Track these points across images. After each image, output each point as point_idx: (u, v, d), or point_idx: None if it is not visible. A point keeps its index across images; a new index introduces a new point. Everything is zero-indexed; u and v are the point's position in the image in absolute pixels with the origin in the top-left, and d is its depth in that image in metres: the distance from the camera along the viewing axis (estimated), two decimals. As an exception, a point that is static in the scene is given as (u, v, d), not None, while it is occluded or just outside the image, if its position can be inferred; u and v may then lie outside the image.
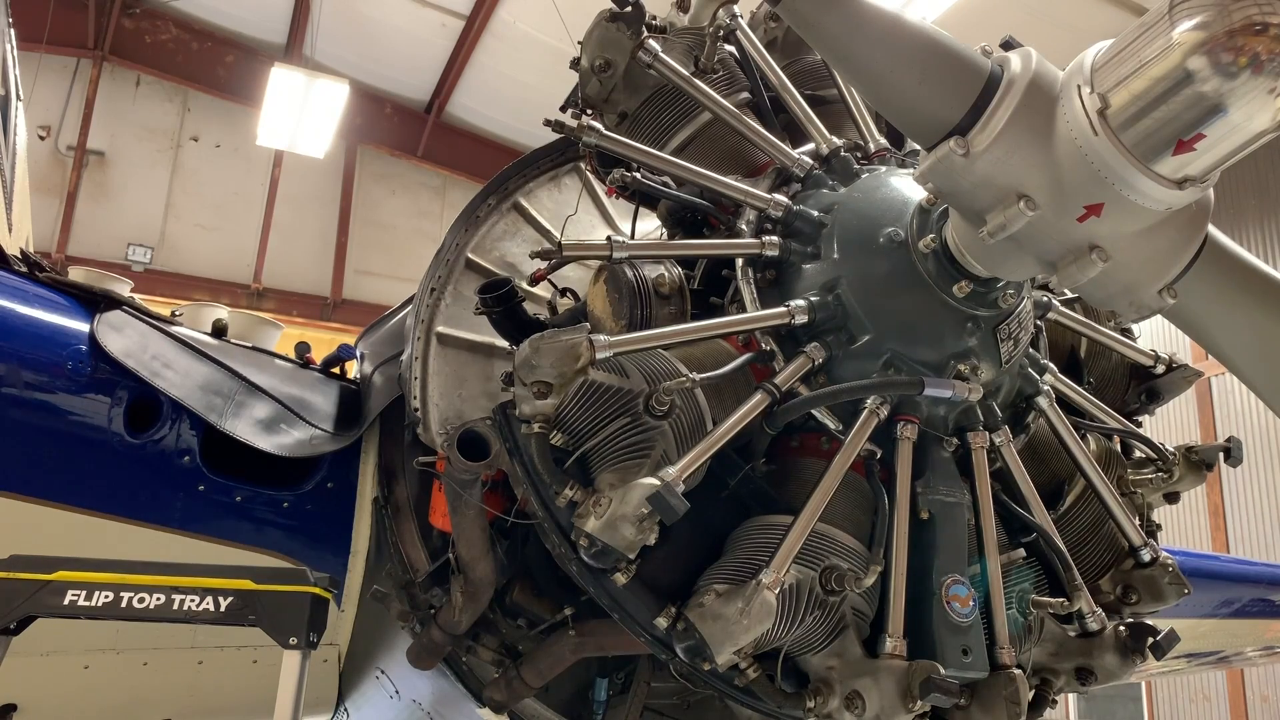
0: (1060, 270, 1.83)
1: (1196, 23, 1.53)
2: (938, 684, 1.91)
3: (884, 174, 2.46)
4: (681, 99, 2.60)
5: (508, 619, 2.69)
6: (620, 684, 2.88)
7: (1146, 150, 1.65)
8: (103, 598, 1.99)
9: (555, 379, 2.05)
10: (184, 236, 15.29)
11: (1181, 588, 2.45)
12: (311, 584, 2.14)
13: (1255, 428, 12.50)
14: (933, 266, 2.15)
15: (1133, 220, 1.75)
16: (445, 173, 17.46)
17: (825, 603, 2.04)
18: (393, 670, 3.31)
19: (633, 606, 2.08)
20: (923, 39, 1.80)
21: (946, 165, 1.76)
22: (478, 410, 2.64)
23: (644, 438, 2.05)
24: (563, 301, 2.76)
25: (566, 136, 2.42)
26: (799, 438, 2.33)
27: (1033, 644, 2.32)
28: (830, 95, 2.82)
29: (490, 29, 15.00)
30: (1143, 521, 2.62)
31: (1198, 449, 2.68)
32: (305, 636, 2.11)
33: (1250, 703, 12.53)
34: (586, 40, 2.62)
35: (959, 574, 2.13)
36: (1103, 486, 2.47)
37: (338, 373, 3.31)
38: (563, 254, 2.23)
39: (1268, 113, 1.56)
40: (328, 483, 3.04)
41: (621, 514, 1.91)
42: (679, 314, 2.30)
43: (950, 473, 2.26)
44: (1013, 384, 2.41)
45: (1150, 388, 2.87)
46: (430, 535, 2.84)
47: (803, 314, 2.19)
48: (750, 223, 2.41)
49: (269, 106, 13.78)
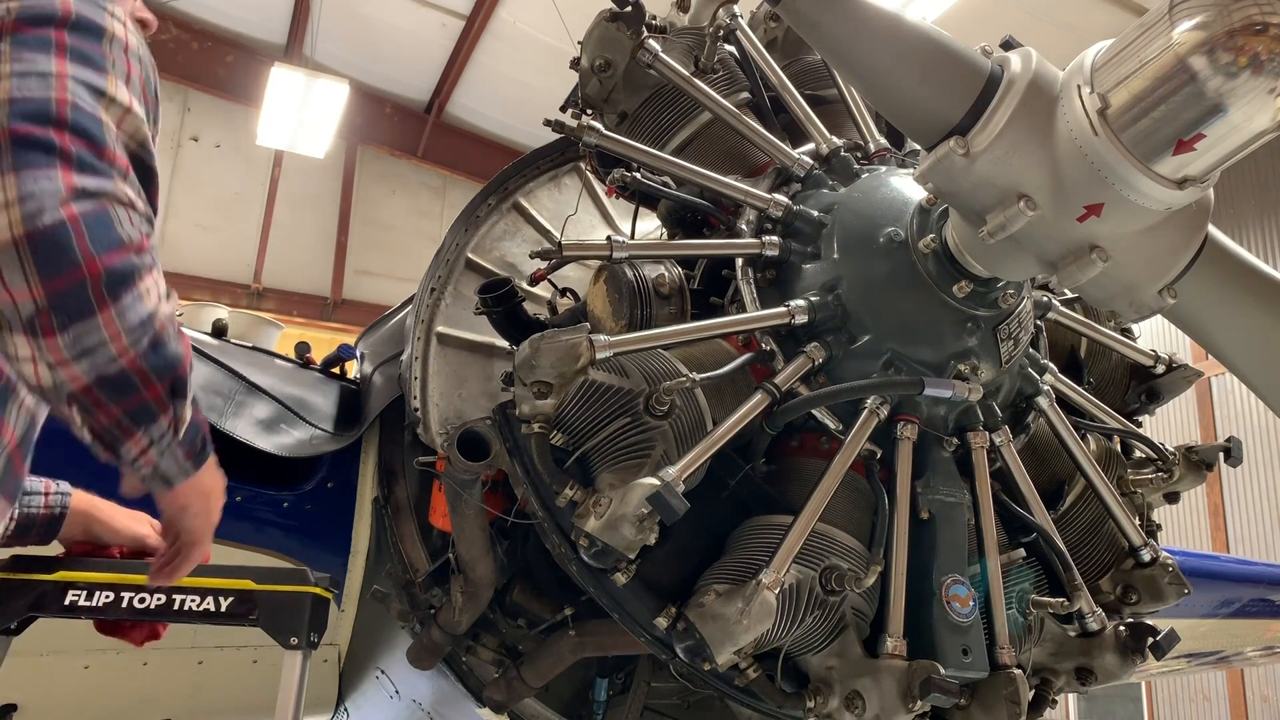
0: (1060, 270, 1.83)
1: (1196, 23, 1.53)
2: (938, 684, 1.91)
3: (884, 174, 2.46)
4: (681, 99, 2.60)
5: (508, 619, 2.69)
6: (620, 684, 2.88)
7: (1146, 150, 1.65)
8: (103, 598, 1.99)
9: (555, 379, 2.05)
10: (184, 236, 15.27)
11: (1181, 588, 2.45)
12: (312, 584, 2.13)
13: (1255, 428, 12.50)
14: (933, 266, 2.16)
15: (1133, 220, 1.75)
16: (445, 173, 17.45)
17: (825, 603, 2.04)
18: (393, 670, 3.31)
19: (633, 606, 2.08)
20: (923, 39, 1.80)
21: (946, 165, 1.76)
22: (478, 410, 2.64)
23: (644, 438, 2.05)
24: (563, 301, 2.76)
25: (566, 136, 2.42)
26: (799, 438, 2.33)
27: (1033, 644, 2.32)
28: (830, 95, 2.82)
29: (490, 29, 15.01)
30: (1143, 521, 2.62)
31: (1198, 449, 2.68)
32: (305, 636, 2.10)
33: (1250, 703, 12.53)
34: (586, 40, 2.62)
35: (959, 574, 2.13)
36: (1103, 486, 2.47)
37: (338, 373, 3.31)
38: (563, 254, 2.23)
39: (1268, 113, 1.56)
40: (328, 483, 3.04)
41: (621, 514, 1.91)
42: (679, 314, 2.30)
43: (950, 473, 2.26)
44: (1013, 384, 2.41)
45: (1150, 388, 2.87)
46: (430, 535, 2.84)
47: (803, 314, 2.19)
48: (750, 223, 2.41)
49: (269, 106, 13.78)
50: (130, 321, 1.28)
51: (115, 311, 1.26)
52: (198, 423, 1.50)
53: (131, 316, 1.28)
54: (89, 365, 1.27)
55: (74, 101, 1.30)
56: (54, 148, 1.25)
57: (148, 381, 1.33)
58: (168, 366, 1.35)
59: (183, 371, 1.38)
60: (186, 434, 1.45)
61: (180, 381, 1.38)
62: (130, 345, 1.29)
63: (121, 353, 1.28)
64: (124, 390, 1.31)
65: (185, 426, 1.44)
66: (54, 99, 1.28)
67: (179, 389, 1.39)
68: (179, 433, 1.43)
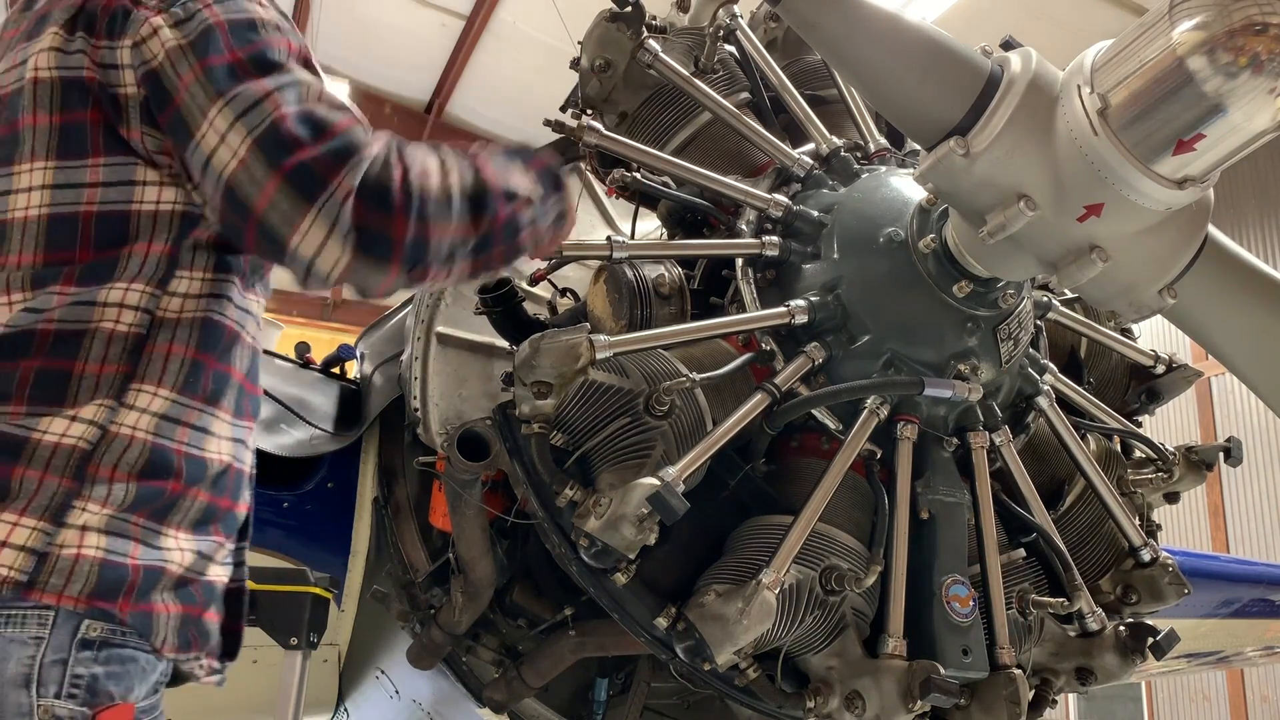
0: (1060, 270, 1.83)
1: (1196, 23, 1.53)
2: (938, 684, 1.91)
3: (884, 174, 2.46)
4: (681, 99, 2.60)
5: (508, 619, 2.68)
6: (620, 684, 2.88)
7: (1147, 150, 1.65)
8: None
9: (555, 379, 2.05)
10: (184, 236, 15.24)
11: (1181, 588, 2.45)
12: (311, 584, 2.14)
13: (1255, 428, 12.49)
14: (933, 266, 2.16)
15: (1133, 220, 1.75)
16: (445, 173, 17.43)
17: (825, 603, 2.04)
18: (393, 670, 3.30)
19: (633, 607, 2.08)
20: (923, 39, 1.81)
21: (946, 165, 1.76)
22: (478, 410, 2.64)
23: (644, 438, 2.05)
24: (563, 301, 2.75)
25: (566, 136, 2.42)
26: (799, 438, 2.33)
27: (1033, 644, 2.32)
28: (830, 95, 2.81)
29: (490, 29, 15.00)
30: (1143, 521, 2.61)
31: (1198, 449, 2.68)
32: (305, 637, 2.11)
33: (1250, 703, 12.53)
34: (586, 40, 2.62)
35: (959, 574, 2.13)
36: (1103, 486, 2.47)
37: (338, 373, 3.31)
38: (563, 254, 2.23)
39: (1268, 113, 1.56)
40: (328, 483, 3.04)
41: (621, 514, 1.91)
42: (679, 314, 2.30)
43: (950, 473, 2.26)
44: (1013, 384, 2.41)
45: (1150, 388, 2.86)
46: (430, 535, 2.83)
47: (803, 314, 2.19)
48: (750, 223, 2.41)
49: (269, 106, 13.76)
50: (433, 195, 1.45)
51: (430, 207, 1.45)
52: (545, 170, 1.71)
53: (432, 198, 1.45)
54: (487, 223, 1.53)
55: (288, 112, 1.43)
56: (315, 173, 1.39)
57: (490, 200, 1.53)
58: (478, 186, 1.52)
59: (485, 185, 1.54)
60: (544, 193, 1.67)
61: (482, 190, 1.53)
62: (449, 204, 1.47)
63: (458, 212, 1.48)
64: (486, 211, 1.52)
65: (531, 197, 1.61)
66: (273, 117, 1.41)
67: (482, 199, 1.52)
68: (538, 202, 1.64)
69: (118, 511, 1.37)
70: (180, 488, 1.45)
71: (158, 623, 1.40)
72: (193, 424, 1.48)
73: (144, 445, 1.41)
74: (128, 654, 1.38)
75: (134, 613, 1.37)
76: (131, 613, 1.37)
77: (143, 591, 1.38)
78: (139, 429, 1.42)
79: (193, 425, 1.48)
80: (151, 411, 1.43)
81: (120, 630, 1.37)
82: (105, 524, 1.36)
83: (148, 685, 1.43)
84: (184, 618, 1.45)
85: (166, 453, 1.44)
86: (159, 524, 1.42)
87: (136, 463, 1.40)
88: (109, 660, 1.36)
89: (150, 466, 1.41)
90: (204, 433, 1.51)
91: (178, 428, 1.46)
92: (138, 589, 1.37)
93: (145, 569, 1.38)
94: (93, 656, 1.35)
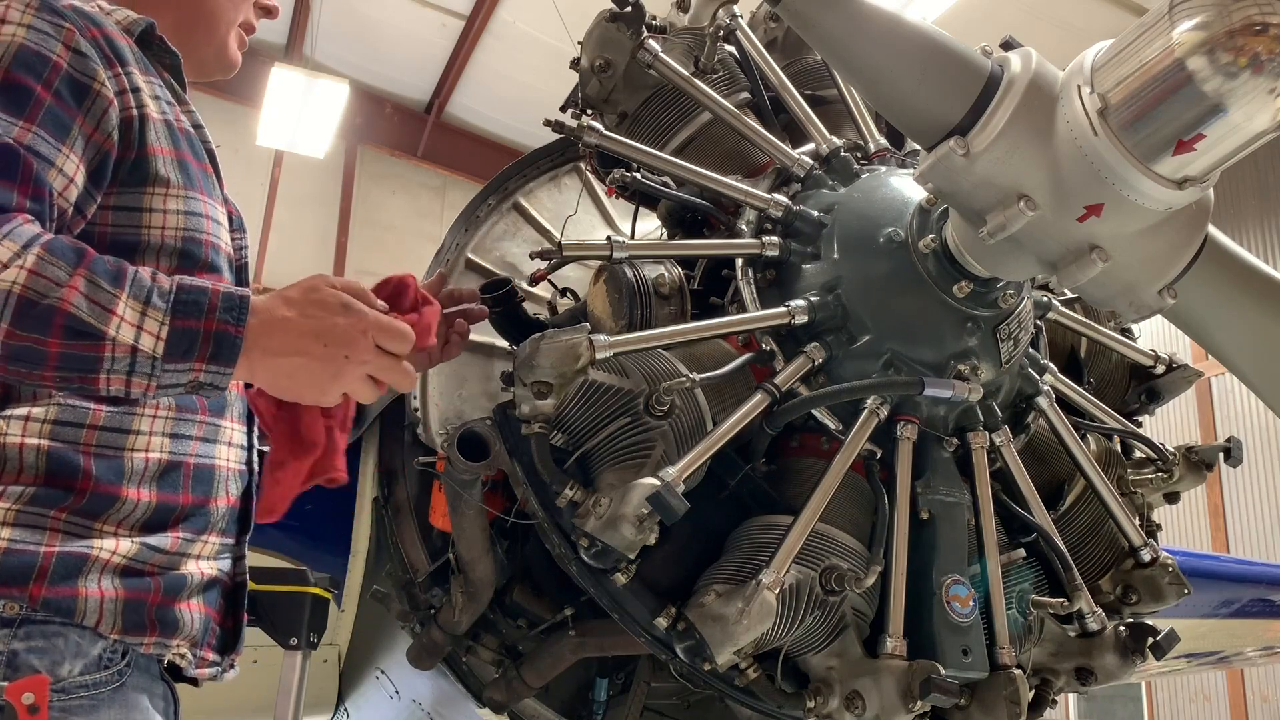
0: (1060, 270, 1.83)
1: (1196, 23, 1.53)
2: (938, 684, 1.91)
3: (884, 174, 2.46)
4: (681, 99, 2.60)
5: (508, 619, 2.68)
6: (620, 684, 2.88)
7: (1146, 150, 1.65)
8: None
9: (555, 379, 2.05)
10: (184, 236, 15.25)
11: (1181, 588, 2.45)
12: (311, 584, 2.14)
13: (1255, 428, 12.50)
14: (933, 266, 2.16)
15: (1133, 220, 1.75)
16: (445, 173, 17.44)
17: (825, 603, 2.04)
18: (393, 670, 3.30)
19: (633, 607, 2.08)
20: (923, 39, 1.80)
21: (946, 165, 1.76)
22: (478, 410, 2.64)
23: (644, 438, 2.05)
24: (563, 301, 2.76)
25: (566, 136, 2.42)
26: (799, 438, 2.33)
27: (1033, 644, 2.32)
28: (830, 95, 2.81)
29: (490, 29, 15.00)
30: (1143, 521, 2.61)
31: (1198, 449, 2.68)
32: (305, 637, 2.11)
33: (1250, 703, 12.53)
34: (586, 40, 2.62)
35: (959, 574, 2.13)
36: (1103, 486, 2.47)
37: (338, 373, 3.30)
38: (563, 254, 2.23)
39: (1268, 113, 1.56)
40: (328, 483, 3.04)
41: (621, 514, 1.91)
42: (679, 314, 2.30)
43: (950, 473, 2.26)
44: (1013, 384, 2.41)
45: (1150, 388, 2.86)
46: (430, 535, 2.83)
47: (803, 314, 2.19)
48: (750, 223, 2.41)
49: (269, 106, 13.77)
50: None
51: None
52: (187, 292, 1.38)
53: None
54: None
55: None
56: None
57: (40, 340, 1.29)
58: (42, 315, 1.28)
59: (64, 307, 1.28)
60: (170, 333, 1.34)
61: (68, 317, 1.28)
62: None
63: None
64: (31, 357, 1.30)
65: (162, 330, 1.34)
66: None
67: (73, 324, 1.29)
68: (154, 339, 1.34)
69: (25, 507, 1.46)
70: (90, 485, 1.51)
71: (85, 605, 1.47)
72: (100, 425, 1.54)
73: (37, 450, 1.49)
74: (53, 630, 1.46)
75: (49, 596, 1.44)
76: (46, 596, 1.44)
77: (60, 576, 1.45)
78: (28, 437, 1.49)
79: (100, 426, 1.54)
80: (45, 420, 1.51)
81: (37, 611, 1.45)
82: (14, 519, 1.45)
83: (85, 660, 1.49)
84: (133, 603, 1.52)
85: (66, 454, 1.50)
86: (90, 521, 1.51)
87: (35, 465, 1.49)
88: (29, 636, 1.44)
89: (51, 469, 1.49)
90: (119, 432, 1.56)
91: (82, 430, 1.52)
92: (50, 574, 1.45)
93: (61, 556, 1.46)
94: (10, 634, 1.43)
